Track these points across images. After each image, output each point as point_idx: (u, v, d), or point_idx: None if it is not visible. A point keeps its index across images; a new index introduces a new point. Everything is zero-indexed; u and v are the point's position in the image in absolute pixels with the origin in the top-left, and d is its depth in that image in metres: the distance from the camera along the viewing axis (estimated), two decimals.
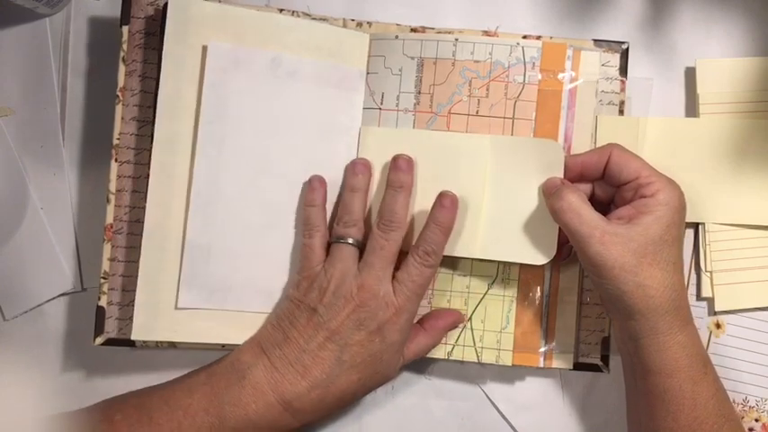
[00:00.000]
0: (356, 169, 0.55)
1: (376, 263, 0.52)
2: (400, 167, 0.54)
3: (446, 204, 0.53)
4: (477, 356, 0.56)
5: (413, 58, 0.55)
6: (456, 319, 0.55)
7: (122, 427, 0.49)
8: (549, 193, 0.52)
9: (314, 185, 0.54)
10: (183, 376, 0.53)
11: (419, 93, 0.55)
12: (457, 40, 0.55)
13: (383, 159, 0.55)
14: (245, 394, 0.50)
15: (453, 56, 0.55)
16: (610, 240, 0.48)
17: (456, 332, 0.56)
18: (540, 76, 0.55)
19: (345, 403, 0.52)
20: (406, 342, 0.53)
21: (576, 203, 0.50)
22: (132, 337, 0.53)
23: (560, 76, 0.55)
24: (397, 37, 0.55)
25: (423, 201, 0.55)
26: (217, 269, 0.54)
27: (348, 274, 0.51)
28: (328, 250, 0.53)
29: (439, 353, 0.56)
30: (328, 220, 0.55)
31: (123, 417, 0.50)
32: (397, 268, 0.53)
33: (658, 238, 0.49)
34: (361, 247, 0.53)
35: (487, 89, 0.55)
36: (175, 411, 0.49)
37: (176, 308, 0.53)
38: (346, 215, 0.54)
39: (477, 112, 0.55)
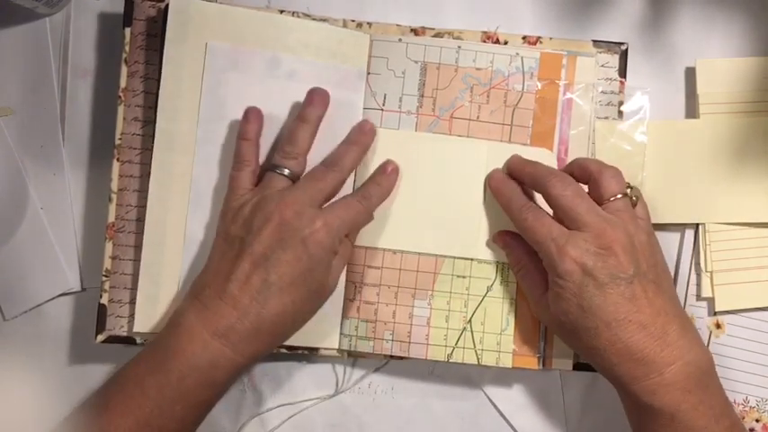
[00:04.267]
0: (313, 100, 0.55)
1: (308, 187, 0.52)
2: (364, 131, 0.56)
3: (388, 171, 0.56)
4: (478, 359, 0.58)
5: (416, 62, 0.58)
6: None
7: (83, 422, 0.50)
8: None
9: (249, 117, 0.55)
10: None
11: (422, 96, 0.58)
12: (460, 47, 0.57)
13: (383, 160, 0.57)
14: (181, 341, 0.49)
15: (456, 62, 0.58)
16: (538, 311, 0.55)
17: (456, 334, 0.58)
18: (537, 86, 0.58)
19: (285, 329, 0.52)
20: (336, 268, 0.53)
21: (518, 275, 0.57)
22: (134, 330, 0.55)
23: (557, 84, 0.58)
24: (400, 40, 0.58)
25: (422, 201, 0.58)
26: None
27: (270, 196, 0.52)
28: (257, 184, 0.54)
29: (439, 355, 0.58)
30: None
31: (83, 409, 0.51)
32: None
33: (561, 319, 0.52)
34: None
35: (488, 96, 0.58)
36: (126, 386, 0.49)
37: (177, 303, 0.55)
38: (289, 145, 0.54)
39: (477, 118, 0.58)
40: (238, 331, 0.50)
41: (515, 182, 0.56)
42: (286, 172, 0.53)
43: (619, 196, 0.52)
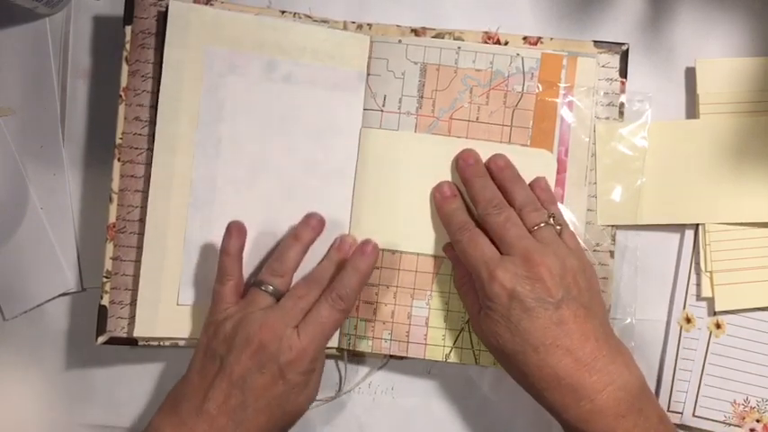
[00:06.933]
0: (310, 222, 0.57)
1: (289, 307, 0.53)
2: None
3: (367, 251, 0.56)
4: (475, 359, 0.58)
5: (416, 63, 0.58)
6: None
7: None
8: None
9: (231, 233, 0.55)
10: None
11: (421, 97, 0.58)
12: (459, 48, 0.58)
13: (383, 161, 0.58)
14: None
15: (456, 63, 0.58)
16: (476, 331, 0.56)
17: (454, 334, 0.58)
18: (538, 86, 0.58)
19: None
20: (314, 381, 0.54)
21: (459, 292, 0.57)
22: (135, 334, 0.56)
23: (557, 85, 0.58)
24: (400, 41, 0.58)
25: (421, 202, 0.58)
26: (215, 266, 0.56)
27: (252, 316, 0.52)
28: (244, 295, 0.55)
29: (437, 355, 0.58)
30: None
31: None
32: None
33: (492, 341, 0.52)
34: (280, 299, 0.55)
35: (487, 97, 0.58)
36: None
37: (177, 304, 0.56)
38: (277, 263, 0.55)
39: (477, 119, 0.58)
40: None
41: (459, 198, 0.57)
42: (270, 289, 0.54)
43: (542, 225, 0.54)
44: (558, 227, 0.55)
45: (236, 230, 0.55)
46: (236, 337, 0.52)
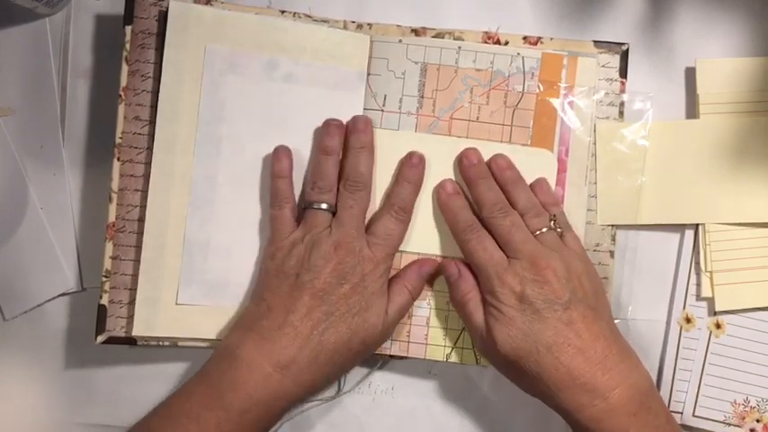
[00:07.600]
0: (330, 130, 0.57)
1: (347, 221, 0.54)
2: (359, 129, 0.57)
3: (415, 163, 0.57)
4: (476, 359, 0.58)
5: (416, 63, 0.58)
6: (432, 265, 0.58)
7: None
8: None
9: (279, 156, 0.57)
10: (180, 387, 0.53)
11: (422, 97, 0.58)
12: (460, 48, 0.58)
13: (384, 161, 0.58)
14: (240, 374, 0.51)
15: (456, 63, 0.58)
16: (483, 348, 0.56)
17: (455, 334, 0.58)
18: (538, 86, 0.58)
19: (342, 358, 0.53)
20: (386, 291, 0.55)
21: (465, 307, 0.56)
22: (133, 334, 0.56)
23: (558, 85, 0.58)
24: (400, 41, 0.58)
25: (422, 202, 0.58)
26: (215, 266, 0.57)
27: (323, 236, 0.54)
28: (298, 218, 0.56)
29: (437, 355, 0.58)
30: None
31: None
32: None
33: (504, 347, 0.52)
34: (335, 212, 0.56)
35: (488, 97, 0.58)
36: (179, 421, 0.50)
37: (176, 304, 0.56)
38: (320, 180, 0.56)
39: (477, 119, 0.58)
40: (299, 361, 0.51)
41: (463, 195, 0.58)
42: (324, 206, 0.55)
43: (544, 230, 0.55)
44: (560, 230, 0.56)
45: (283, 152, 0.57)
46: (311, 258, 0.53)
